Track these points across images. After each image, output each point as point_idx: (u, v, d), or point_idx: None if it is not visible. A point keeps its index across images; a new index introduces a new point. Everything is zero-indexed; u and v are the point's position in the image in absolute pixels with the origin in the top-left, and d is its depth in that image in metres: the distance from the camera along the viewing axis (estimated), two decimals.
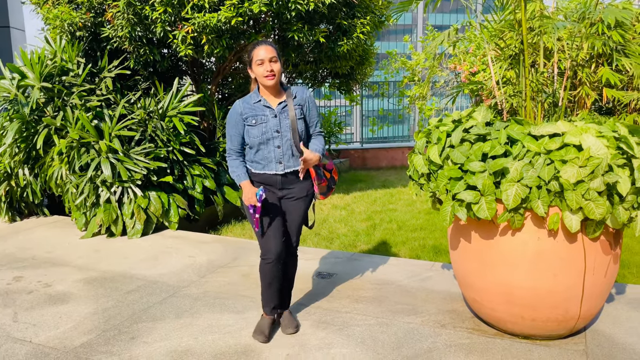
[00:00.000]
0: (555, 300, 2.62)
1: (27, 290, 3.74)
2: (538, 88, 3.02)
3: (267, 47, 2.67)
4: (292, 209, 2.91)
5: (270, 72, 2.67)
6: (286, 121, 2.74)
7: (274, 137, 2.74)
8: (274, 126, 2.74)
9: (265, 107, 2.76)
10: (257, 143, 2.75)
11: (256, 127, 2.74)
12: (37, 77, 5.35)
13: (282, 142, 2.76)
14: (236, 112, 2.79)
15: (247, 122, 2.75)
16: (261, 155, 2.78)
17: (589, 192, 2.35)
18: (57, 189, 5.46)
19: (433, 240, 5.17)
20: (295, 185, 2.85)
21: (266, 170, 2.80)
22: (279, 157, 2.77)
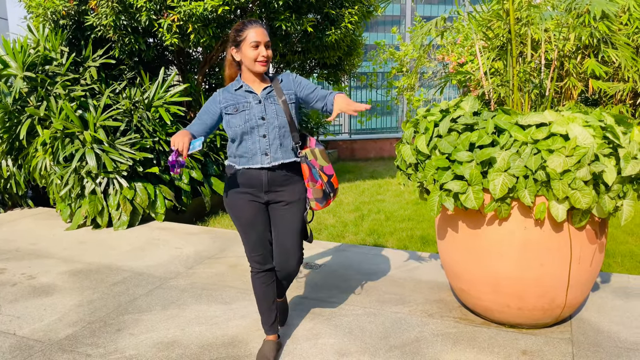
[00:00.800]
0: (541, 289, 2.64)
1: (11, 283, 3.69)
2: (525, 78, 3.01)
3: (262, 30, 2.37)
4: (283, 218, 2.51)
5: (264, 57, 2.37)
6: (272, 107, 2.42)
7: (259, 124, 2.40)
8: (258, 113, 2.41)
9: (247, 93, 2.44)
10: (240, 133, 2.40)
11: (237, 115, 2.41)
12: (19, 66, 5.25)
13: (268, 131, 2.41)
14: (214, 100, 2.47)
15: (227, 110, 2.43)
16: (244, 147, 2.43)
17: (575, 181, 2.36)
18: (42, 180, 5.39)
19: (421, 230, 5.19)
20: (285, 187, 2.49)
21: (251, 164, 2.43)
22: (265, 148, 2.42)
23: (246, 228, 2.49)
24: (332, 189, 2.57)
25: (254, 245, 2.50)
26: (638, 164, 2.38)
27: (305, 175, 2.50)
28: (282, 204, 2.50)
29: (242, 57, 2.40)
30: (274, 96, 2.45)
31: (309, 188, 2.50)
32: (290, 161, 2.47)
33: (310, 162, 2.49)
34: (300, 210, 2.53)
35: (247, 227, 2.48)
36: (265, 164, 2.42)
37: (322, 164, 2.52)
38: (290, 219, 2.51)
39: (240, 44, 2.37)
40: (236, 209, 2.49)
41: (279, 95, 2.45)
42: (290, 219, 2.51)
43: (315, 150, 2.51)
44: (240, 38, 2.37)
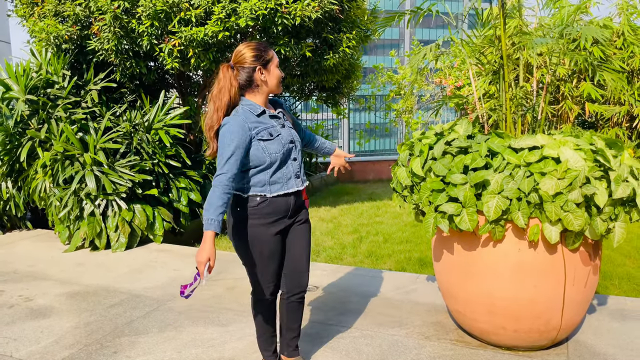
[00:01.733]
0: (536, 310, 2.65)
1: (8, 305, 3.69)
2: (518, 102, 3.07)
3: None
4: (301, 234, 2.51)
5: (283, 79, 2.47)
6: (292, 130, 2.44)
7: (291, 148, 2.38)
8: (287, 136, 2.37)
9: (272, 118, 2.37)
10: (280, 159, 2.31)
11: (274, 140, 2.31)
12: (22, 89, 5.32)
13: (297, 153, 2.42)
14: (242, 127, 2.24)
15: (261, 136, 2.28)
16: (281, 173, 2.34)
17: (567, 203, 2.39)
18: (41, 202, 5.41)
19: (419, 252, 5.19)
20: (302, 206, 2.51)
21: (285, 188, 2.36)
22: (297, 171, 2.41)
23: (269, 260, 2.40)
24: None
25: (271, 276, 2.44)
26: (628, 186, 2.42)
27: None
28: (299, 222, 2.50)
29: (268, 78, 2.33)
30: (287, 120, 2.47)
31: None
32: (307, 182, 2.54)
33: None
34: (310, 229, 2.57)
35: (269, 259, 2.40)
36: (299, 186, 2.42)
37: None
38: (305, 236, 2.52)
39: (269, 64, 2.32)
40: (259, 242, 2.36)
41: (289, 119, 2.50)
42: (305, 236, 2.52)
43: None
44: (268, 57, 2.31)
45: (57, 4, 5.39)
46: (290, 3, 5.13)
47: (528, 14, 3.94)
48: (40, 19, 5.49)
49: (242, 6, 4.97)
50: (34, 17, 5.55)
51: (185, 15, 5.01)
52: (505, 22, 2.97)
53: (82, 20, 5.37)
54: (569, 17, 3.06)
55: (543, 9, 3.68)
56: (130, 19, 5.13)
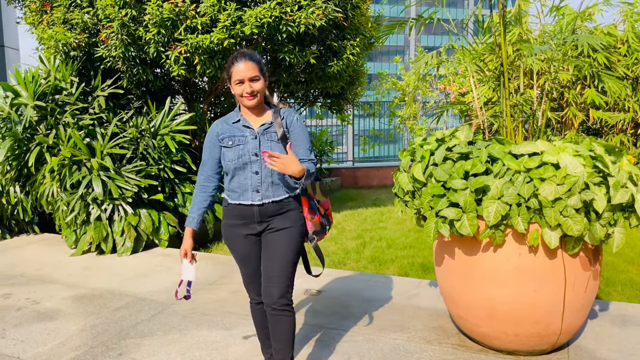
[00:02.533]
0: (536, 315, 2.67)
1: (16, 307, 3.74)
2: (519, 109, 3.11)
3: (246, 63, 2.31)
4: (271, 244, 2.42)
5: (249, 93, 2.33)
6: (268, 144, 2.37)
7: (252, 161, 2.36)
8: (252, 149, 2.36)
9: (244, 128, 2.41)
10: (233, 168, 2.38)
11: (232, 149, 2.38)
12: (30, 95, 5.41)
13: (260, 168, 2.36)
14: (213, 132, 2.45)
15: (223, 143, 2.41)
16: (237, 183, 2.40)
17: (566, 209, 2.42)
18: (48, 207, 5.48)
19: (422, 258, 5.22)
20: (277, 216, 2.42)
21: (242, 199, 2.40)
22: (257, 185, 2.37)
23: (241, 261, 2.50)
24: (328, 222, 2.59)
25: (249, 278, 2.53)
26: (627, 192, 2.45)
27: (305, 208, 2.46)
28: (273, 230, 2.42)
29: (233, 93, 2.40)
30: (271, 132, 2.40)
31: (308, 221, 2.46)
32: (281, 199, 2.41)
33: (309, 195, 2.49)
34: (292, 239, 2.42)
35: (241, 260, 2.50)
36: (255, 201, 2.38)
37: (320, 198, 2.56)
38: (278, 245, 2.41)
39: (230, 80, 2.37)
40: (231, 242, 2.49)
41: (277, 132, 2.40)
42: (279, 245, 2.40)
43: (315, 184, 2.53)
44: (229, 74, 2.36)
45: (66, 11, 5.47)
46: (295, 11, 5.20)
47: (532, 21, 3.98)
48: (49, 26, 5.58)
49: (247, 14, 5.04)
50: (43, 25, 5.64)
51: (192, 23, 5.08)
52: (505, 29, 3.01)
53: (90, 27, 5.45)
54: (568, 25, 3.10)
55: (546, 16, 3.72)
56: (137, 27, 5.21)
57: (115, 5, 5.15)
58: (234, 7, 5.06)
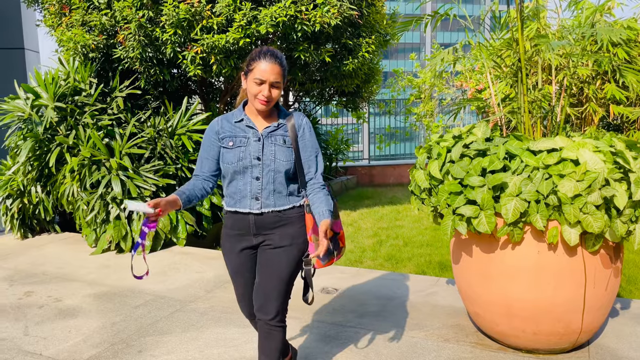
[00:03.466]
0: (556, 313, 2.64)
1: (38, 305, 3.82)
2: (537, 105, 3.07)
3: (274, 66, 2.09)
4: (267, 261, 2.22)
5: (266, 98, 2.11)
6: (271, 147, 2.18)
7: (253, 165, 2.16)
8: (254, 152, 2.16)
9: (248, 128, 2.20)
10: (232, 171, 2.18)
11: (232, 150, 2.18)
12: (50, 97, 5.50)
13: (262, 173, 2.16)
14: (212, 130, 2.23)
15: (223, 143, 2.20)
16: (234, 188, 2.20)
17: (586, 205, 2.39)
18: (69, 206, 5.57)
19: (439, 256, 5.19)
20: (275, 230, 2.21)
21: (238, 207, 2.20)
22: (256, 192, 2.17)
23: (233, 275, 2.32)
24: (337, 247, 2.32)
25: (240, 294, 2.34)
26: None
27: (309, 227, 2.22)
28: (270, 247, 2.22)
29: (246, 87, 2.17)
30: (276, 136, 2.20)
31: (311, 242, 2.21)
32: (282, 209, 2.21)
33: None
34: (290, 257, 2.22)
35: (234, 273, 2.31)
36: (254, 209, 2.19)
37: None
38: (275, 263, 2.21)
39: (248, 74, 2.13)
40: (226, 255, 2.31)
41: (282, 135, 2.21)
42: (275, 263, 2.21)
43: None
44: (250, 67, 2.13)
45: (84, 14, 5.56)
46: (310, 9, 5.21)
47: (550, 15, 3.93)
48: (68, 28, 5.67)
49: (262, 13, 5.06)
50: (62, 27, 5.73)
51: (208, 23, 5.12)
52: (523, 25, 2.98)
53: (108, 29, 5.52)
54: (586, 19, 3.05)
55: (565, 10, 3.67)
56: (154, 28, 5.27)
57: (133, 6, 5.21)
58: (250, 6, 5.09)
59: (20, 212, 5.87)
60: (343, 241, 2.39)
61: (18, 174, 5.71)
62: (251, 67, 2.12)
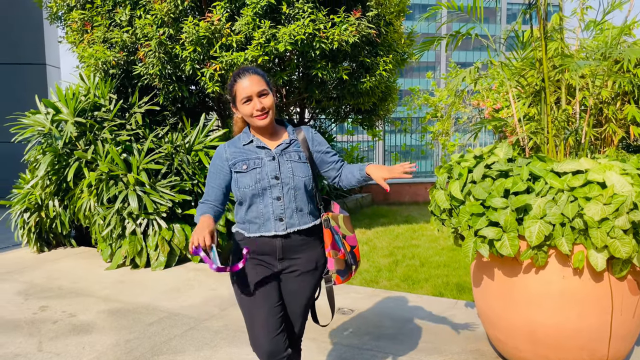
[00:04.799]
0: (581, 340, 2.55)
1: (52, 320, 3.80)
2: (560, 125, 3.02)
3: (252, 78, 2.04)
4: (295, 288, 2.16)
5: (261, 110, 2.04)
6: (288, 165, 2.10)
7: (272, 185, 2.06)
8: (271, 171, 2.07)
9: (259, 149, 2.11)
10: (250, 195, 2.07)
11: (247, 174, 2.07)
12: (71, 112, 5.56)
13: (282, 192, 2.07)
14: (220, 157, 2.12)
15: (236, 168, 2.09)
16: (255, 212, 2.09)
17: (614, 230, 2.32)
18: (85, 221, 5.59)
19: (457, 277, 5.09)
20: (301, 254, 2.13)
21: (263, 231, 2.08)
22: (279, 213, 2.07)
23: (255, 303, 2.09)
24: (354, 261, 2.25)
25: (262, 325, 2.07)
26: None
27: (327, 243, 2.14)
28: (296, 273, 2.14)
29: (241, 114, 2.11)
30: (290, 152, 2.13)
31: (331, 258, 2.14)
32: (307, 227, 2.13)
33: (333, 228, 2.16)
34: (313, 281, 2.19)
35: (256, 302, 2.09)
36: (279, 231, 2.08)
37: (345, 233, 2.22)
38: (302, 292, 2.17)
39: (235, 101, 2.08)
40: (243, 281, 2.11)
41: (296, 151, 2.14)
42: (302, 292, 2.17)
43: (339, 217, 2.22)
44: (232, 94, 2.08)
45: (106, 31, 5.64)
46: (328, 28, 5.23)
47: (569, 36, 3.89)
48: (90, 45, 5.76)
49: (281, 31, 5.09)
50: (84, 44, 5.82)
51: (227, 41, 5.16)
52: (546, 44, 2.94)
53: (129, 46, 5.60)
54: (613, 40, 3.00)
55: (584, 30, 3.63)
56: (174, 45, 5.32)
57: (154, 24, 5.28)
58: (269, 25, 5.12)
59: (37, 226, 5.91)
60: (358, 255, 2.30)
61: (36, 187, 5.76)
62: (233, 93, 2.08)
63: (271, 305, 2.09)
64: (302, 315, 2.22)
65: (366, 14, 5.61)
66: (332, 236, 2.16)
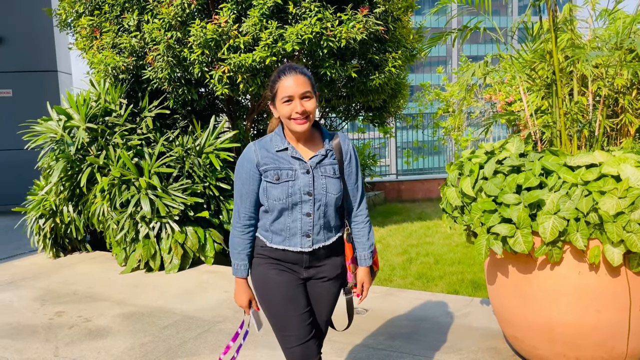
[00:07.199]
0: (599, 337, 2.50)
1: (68, 325, 3.84)
2: (573, 118, 2.96)
3: (297, 78, 1.90)
4: (322, 293, 2.09)
5: (301, 114, 1.89)
6: (322, 180, 1.96)
7: (304, 201, 1.94)
8: (304, 186, 1.93)
9: (294, 159, 1.96)
10: (279, 208, 1.94)
11: (279, 186, 1.93)
12: (82, 118, 5.60)
13: (313, 209, 1.95)
14: (250, 161, 1.96)
15: (267, 177, 1.94)
16: (282, 225, 1.97)
17: (630, 224, 2.27)
18: (99, 225, 5.64)
19: (472, 274, 5.04)
20: (327, 262, 2.05)
21: (287, 245, 1.98)
22: (307, 230, 1.96)
23: (285, 311, 1.99)
24: (373, 273, 2.18)
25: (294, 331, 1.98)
26: None
27: (348, 256, 2.06)
28: (324, 279, 2.07)
29: (278, 114, 1.97)
30: (325, 166, 1.98)
31: (350, 272, 2.08)
32: (331, 242, 2.04)
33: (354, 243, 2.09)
34: (338, 287, 2.13)
35: (284, 306, 1.99)
36: (305, 247, 1.99)
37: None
38: (329, 297, 2.11)
39: (275, 99, 1.93)
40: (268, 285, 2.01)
41: (331, 165, 1.99)
42: (329, 297, 2.11)
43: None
44: (274, 91, 1.94)
45: (115, 36, 5.67)
46: (336, 26, 5.20)
47: (581, 25, 3.82)
48: (99, 51, 5.79)
49: (288, 31, 5.07)
50: (93, 50, 5.86)
51: (234, 43, 5.16)
52: (556, 36, 2.88)
53: (138, 51, 5.62)
54: (625, 29, 2.94)
55: (597, 20, 3.56)
56: (182, 48, 5.33)
57: (161, 28, 5.30)
58: (275, 25, 5.11)
59: (52, 232, 5.96)
60: (377, 264, 2.23)
61: (50, 194, 5.82)
62: (275, 90, 1.93)
63: (301, 311, 2.00)
64: (327, 321, 2.17)
65: (373, 11, 5.56)
66: (354, 250, 2.08)
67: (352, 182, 2.06)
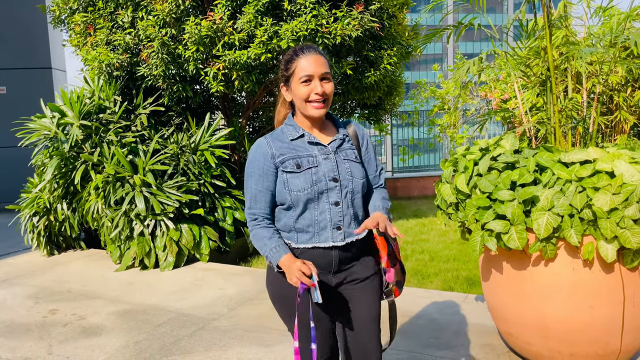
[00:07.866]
0: (593, 333, 2.51)
1: (62, 323, 3.82)
2: (567, 114, 2.96)
3: (317, 57, 1.75)
4: (360, 296, 1.85)
5: (321, 95, 1.74)
6: (346, 164, 1.80)
7: (330, 188, 1.76)
8: (329, 172, 1.77)
9: (311, 145, 1.81)
10: (305, 200, 1.75)
11: (302, 174, 1.75)
12: (76, 115, 5.58)
13: (341, 196, 1.77)
14: (263, 154, 1.78)
15: (286, 167, 1.76)
16: (309, 220, 1.77)
17: (623, 220, 2.27)
18: (94, 223, 5.61)
19: (467, 271, 5.05)
20: (355, 262, 1.85)
21: (317, 241, 1.77)
22: (337, 221, 1.77)
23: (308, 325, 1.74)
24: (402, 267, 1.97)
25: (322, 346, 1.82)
26: None
27: (383, 252, 1.82)
28: (356, 282, 1.85)
29: (292, 97, 1.80)
30: (346, 150, 1.84)
31: (390, 269, 1.86)
32: (363, 236, 1.84)
33: (387, 235, 1.80)
34: (378, 289, 1.89)
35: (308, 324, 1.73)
36: (337, 241, 1.78)
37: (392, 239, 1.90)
38: (367, 301, 1.85)
39: (290, 79, 1.78)
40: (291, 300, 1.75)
41: (351, 149, 1.85)
42: (368, 301, 1.85)
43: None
44: (289, 72, 1.78)
45: (108, 33, 5.64)
46: (331, 23, 5.18)
47: (576, 23, 3.83)
48: (93, 47, 5.76)
49: (283, 28, 5.05)
50: (87, 47, 5.82)
51: (229, 40, 5.13)
52: (551, 32, 2.88)
53: (132, 48, 5.59)
54: (618, 26, 2.94)
55: (591, 17, 3.56)
56: (176, 45, 5.31)
57: (156, 25, 5.27)
58: (270, 22, 5.09)
59: (46, 230, 5.94)
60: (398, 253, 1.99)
61: (44, 191, 5.79)
62: (291, 70, 1.77)
63: (325, 328, 1.83)
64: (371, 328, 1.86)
65: (369, 8, 5.55)
66: (387, 244, 1.83)
67: (372, 169, 1.94)
